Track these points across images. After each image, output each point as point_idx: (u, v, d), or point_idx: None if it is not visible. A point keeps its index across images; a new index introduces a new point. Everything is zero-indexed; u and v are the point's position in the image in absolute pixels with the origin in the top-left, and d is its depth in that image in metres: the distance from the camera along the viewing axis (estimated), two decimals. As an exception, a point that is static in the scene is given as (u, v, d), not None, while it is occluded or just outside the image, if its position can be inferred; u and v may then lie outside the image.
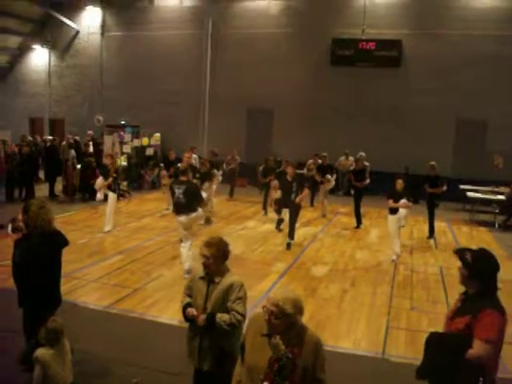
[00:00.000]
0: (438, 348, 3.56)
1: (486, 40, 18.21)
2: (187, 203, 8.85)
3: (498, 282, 3.72)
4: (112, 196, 11.97)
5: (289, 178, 11.32)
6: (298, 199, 11.08)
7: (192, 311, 4.15)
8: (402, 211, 10.65)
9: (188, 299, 4.30)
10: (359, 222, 13.96)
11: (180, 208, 8.94)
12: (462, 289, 3.81)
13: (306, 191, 11.36)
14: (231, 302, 4.07)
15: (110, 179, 11.94)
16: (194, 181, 11.18)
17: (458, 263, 3.75)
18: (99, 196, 12.65)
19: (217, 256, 4.13)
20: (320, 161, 15.89)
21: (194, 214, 8.95)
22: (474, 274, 3.59)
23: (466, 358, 3.39)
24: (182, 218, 8.93)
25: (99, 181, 12.11)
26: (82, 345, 5.57)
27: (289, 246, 11.28)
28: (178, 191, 8.91)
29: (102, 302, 7.59)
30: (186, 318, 4.24)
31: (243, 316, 4.07)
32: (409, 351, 6.21)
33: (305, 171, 16.51)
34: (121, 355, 5.86)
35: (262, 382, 3.04)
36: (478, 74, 18.31)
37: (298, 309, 3.32)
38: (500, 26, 18.13)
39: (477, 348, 3.38)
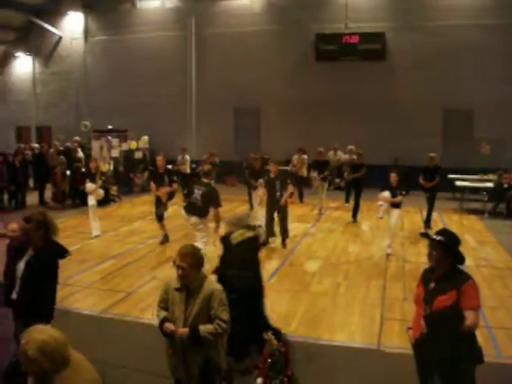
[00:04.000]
0: (439, 325, 3.77)
1: (468, 29, 18.32)
2: (202, 206, 8.99)
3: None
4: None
5: (272, 175, 11.34)
6: (282, 200, 11.06)
7: (170, 326, 3.93)
8: (383, 203, 10.70)
9: (164, 313, 4.09)
10: (356, 217, 13.99)
11: (194, 208, 9.03)
12: None
13: (290, 188, 11.35)
14: (215, 310, 3.91)
15: (100, 182, 12.08)
16: (174, 185, 11.34)
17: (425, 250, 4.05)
18: (93, 201, 12.52)
19: (193, 265, 3.95)
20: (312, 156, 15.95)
21: (205, 219, 9.11)
22: (449, 253, 3.87)
23: (464, 328, 3.66)
24: (193, 219, 9.05)
25: (89, 185, 12.05)
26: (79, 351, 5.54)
27: (284, 243, 11.28)
28: (198, 192, 9.09)
29: (96, 308, 7.58)
30: (165, 334, 4.01)
31: (228, 323, 3.94)
32: (403, 341, 6.20)
33: (290, 167, 16.63)
34: (116, 359, 5.86)
35: (256, 378, 3.05)
36: (462, 63, 18.44)
37: (49, 357, 2.63)
38: (482, 14, 18.23)
39: (471, 318, 3.66)
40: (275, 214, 11.33)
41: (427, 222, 13.16)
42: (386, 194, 10.39)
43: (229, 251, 5.38)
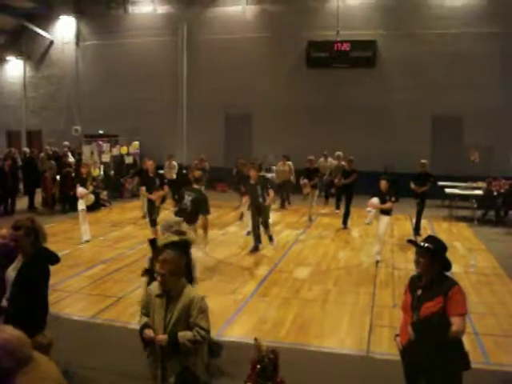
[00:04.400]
0: (426, 332, 3.80)
1: (458, 37, 18.56)
2: (192, 212, 9.02)
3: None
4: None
5: (252, 181, 11.33)
6: (266, 202, 11.08)
7: (150, 333, 3.94)
8: (372, 209, 10.77)
9: (145, 319, 4.10)
10: (346, 223, 14.05)
11: (183, 215, 8.97)
12: None
13: (272, 193, 11.38)
14: (193, 317, 3.90)
15: (91, 188, 12.09)
16: (166, 188, 11.51)
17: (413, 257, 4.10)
18: (83, 205, 12.47)
19: (174, 272, 3.93)
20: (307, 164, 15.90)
21: (194, 225, 9.12)
22: (436, 259, 3.90)
23: (450, 334, 3.70)
24: (183, 225, 9.00)
25: (80, 189, 11.99)
26: (67, 356, 5.53)
27: (271, 239, 11.42)
28: (188, 198, 9.13)
29: (86, 313, 7.55)
30: (144, 340, 4.01)
31: (207, 331, 3.94)
32: (392, 348, 6.22)
33: (273, 175, 16.77)
34: (106, 365, 5.84)
35: (245, 383, 3.06)
36: (451, 71, 18.62)
37: (11, 355, 2.59)
38: (472, 23, 18.46)
39: (458, 323, 3.70)
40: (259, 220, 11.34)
41: (416, 229, 13.25)
42: (375, 200, 10.45)
43: (155, 253, 5.48)
